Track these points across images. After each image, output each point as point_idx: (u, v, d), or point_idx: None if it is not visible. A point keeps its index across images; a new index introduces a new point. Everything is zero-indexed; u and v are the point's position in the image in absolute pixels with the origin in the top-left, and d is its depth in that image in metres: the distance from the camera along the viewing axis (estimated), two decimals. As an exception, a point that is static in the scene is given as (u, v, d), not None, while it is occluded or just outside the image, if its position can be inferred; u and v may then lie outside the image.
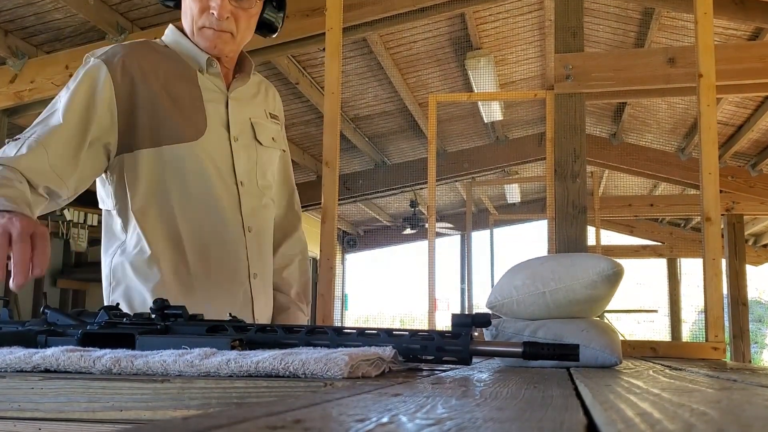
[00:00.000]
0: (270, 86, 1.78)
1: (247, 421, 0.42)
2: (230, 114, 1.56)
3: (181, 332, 0.99)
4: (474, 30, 5.70)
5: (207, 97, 1.54)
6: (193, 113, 1.51)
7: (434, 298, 4.17)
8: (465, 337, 0.90)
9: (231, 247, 1.53)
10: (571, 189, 2.83)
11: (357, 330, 0.96)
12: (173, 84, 1.51)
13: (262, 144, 1.62)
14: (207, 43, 1.54)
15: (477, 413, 0.49)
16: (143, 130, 1.46)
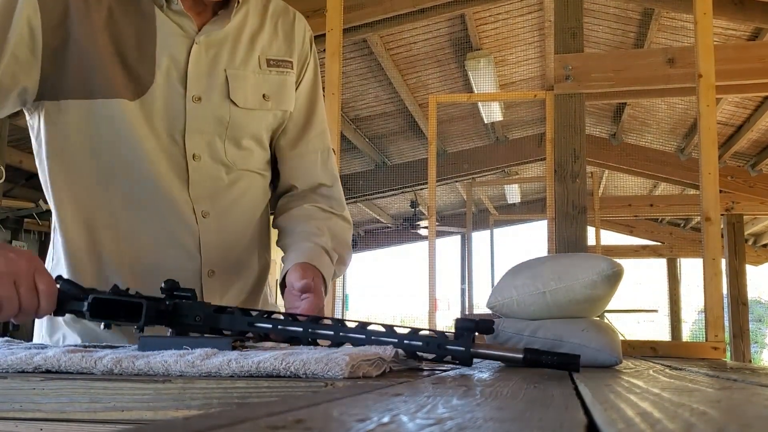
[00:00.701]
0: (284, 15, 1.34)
1: (248, 421, 0.42)
2: (191, 64, 1.18)
3: (188, 312, 0.99)
4: (474, 31, 5.70)
5: (163, 41, 1.16)
6: (139, 62, 1.15)
7: (434, 298, 4.18)
8: (467, 338, 0.90)
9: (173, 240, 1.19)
10: (571, 189, 2.84)
11: (360, 324, 0.96)
12: (120, 20, 1.15)
13: (237, 105, 1.22)
14: None
15: (478, 413, 0.49)
16: (74, 76, 1.13)
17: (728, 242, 8.46)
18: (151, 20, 1.16)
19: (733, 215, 8.30)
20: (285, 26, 1.32)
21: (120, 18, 1.15)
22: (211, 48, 1.20)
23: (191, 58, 1.18)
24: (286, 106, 1.30)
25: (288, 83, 1.30)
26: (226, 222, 1.24)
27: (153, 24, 1.16)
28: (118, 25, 1.15)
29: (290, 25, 1.33)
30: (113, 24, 1.15)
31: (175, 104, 1.17)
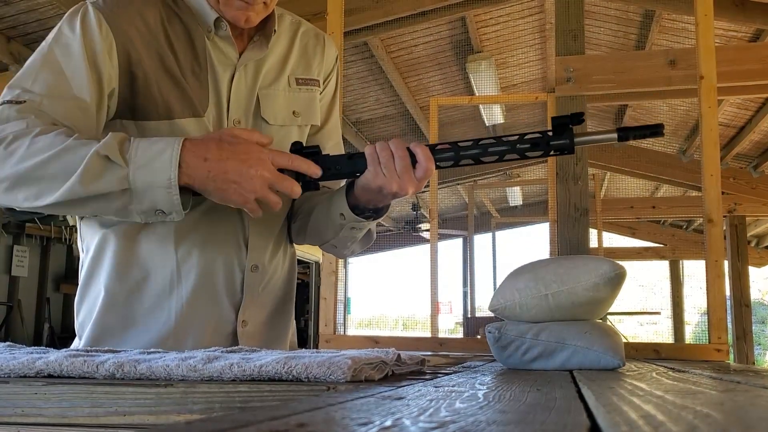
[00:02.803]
0: (314, 38, 1.42)
1: (250, 425, 0.42)
2: (233, 91, 1.27)
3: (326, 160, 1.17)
4: (475, 33, 5.71)
5: (212, 69, 1.25)
6: (195, 87, 1.23)
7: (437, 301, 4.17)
8: (569, 132, 1.12)
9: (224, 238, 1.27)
10: (573, 191, 2.83)
11: (473, 141, 1.15)
12: (176, 48, 1.23)
13: (268, 122, 1.30)
14: (235, 13, 1.21)
15: (480, 416, 0.49)
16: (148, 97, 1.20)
17: (731, 244, 8.45)
18: (202, 47, 1.25)
19: (736, 217, 8.29)
20: (314, 48, 1.41)
21: (176, 43, 1.23)
22: (248, 72, 1.29)
23: (234, 85, 1.27)
24: (313, 120, 1.39)
25: (315, 99, 1.39)
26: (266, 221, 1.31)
27: (204, 50, 1.25)
28: (175, 51, 1.23)
29: (320, 48, 1.42)
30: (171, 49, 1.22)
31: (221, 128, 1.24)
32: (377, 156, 1.14)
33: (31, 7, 4.23)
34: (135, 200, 1.04)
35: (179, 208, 1.05)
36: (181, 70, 1.22)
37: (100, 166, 1.02)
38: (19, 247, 8.10)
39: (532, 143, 1.14)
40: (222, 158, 1.05)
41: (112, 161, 1.02)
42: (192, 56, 1.24)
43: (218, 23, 1.24)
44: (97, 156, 1.02)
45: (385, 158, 1.13)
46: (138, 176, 1.02)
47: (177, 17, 1.25)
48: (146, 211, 1.06)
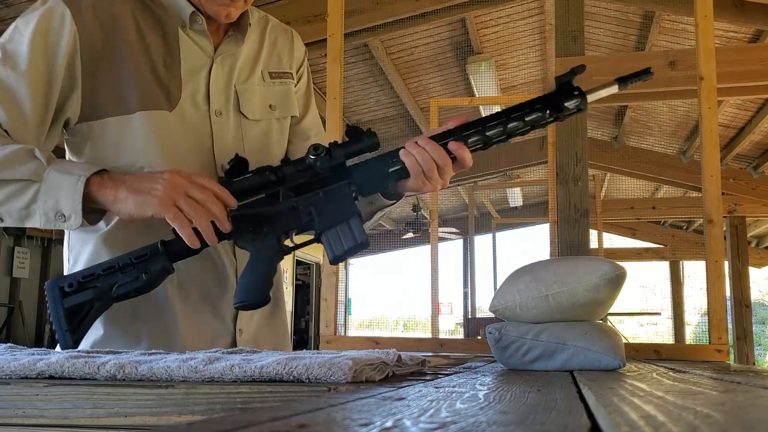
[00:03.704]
0: (282, 33, 1.44)
1: (251, 426, 0.42)
2: (211, 83, 1.27)
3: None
4: (475, 34, 5.71)
5: (187, 61, 1.25)
6: (168, 79, 1.22)
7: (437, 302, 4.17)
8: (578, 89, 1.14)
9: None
10: (573, 192, 2.83)
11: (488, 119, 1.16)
12: (148, 37, 1.22)
13: (247, 117, 1.31)
14: (217, 9, 1.23)
15: (481, 417, 0.49)
16: (111, 94, 1.19)
17: (731, 244, 8.45)
18: (175, 39, 1.25)
19: (736, 217, 8.29)
20: (283, 43, 1.43)
21: (147, 35, 1.23)
22: (225, 66, 1.30)
23: (212, 77, 1.27)
24: (291, 111, 1.40)
25: (290, 91, 1.40)
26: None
27: (177, 43, 1.25)
28: (146, 43, 1.22)
29: (289, 42, 1.45)
30: (142, 41, 1.22)
31: (201, 119, 1.25)
32: (420, 167, 1.14)
33: (32, 9, 4.23)
34: (41, 197, 1.07)
35: (78, 208, 1.06)
36: (152, 62, 1.22)
37: (23, 157, 1.07)
38: (20, 249, 8.11)
39: (543, 109, 1.15)
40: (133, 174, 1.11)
41: (36, 157, 1.08)
42: (165, 49, 1.24)
43: (194, 17, 1.25)
44: (25, 151, 1.08)
45: (429, 169, 1.15)
46: (51, 175, 1.07)
47: (149, 9, 1.25)
48: (48, 212, 1.07)
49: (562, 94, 1.16)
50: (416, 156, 1.14)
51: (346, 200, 1.17)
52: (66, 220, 1.07)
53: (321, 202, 1.16)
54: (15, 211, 1.09)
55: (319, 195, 1.16)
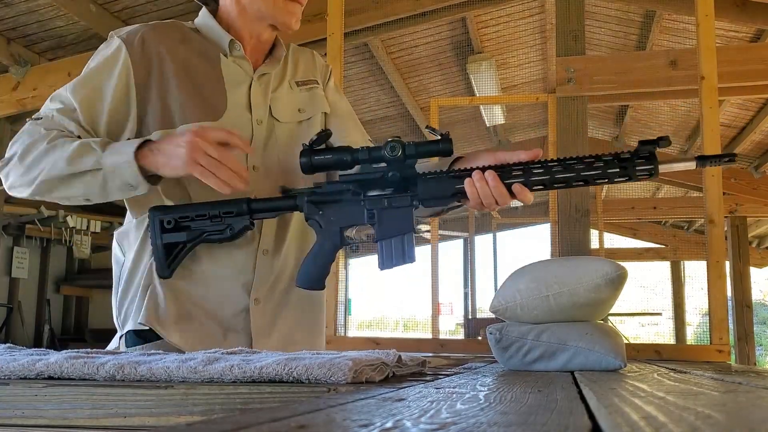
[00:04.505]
0: (302, 52, 1.64)
1: (251, 426, 0.42)
2: (252, 96, 1.47)
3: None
4: (475, 34, 5.71)
5: (229, 80, 1.45)
6: (212, 95, 1.42)
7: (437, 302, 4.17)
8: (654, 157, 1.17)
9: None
10: (574, 192, 2.83)
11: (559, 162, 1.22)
12: (193, 65, 1.43)
13: (279, 120, 1.49)
14: (291, 18, 1.45)
15: (481, 418, 0.48)
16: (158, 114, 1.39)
17: (732, 245, 8.44)
18: (217, 64, 1.45)
19: (737, 217, 8.28)
20: (305, 61, 1.62)
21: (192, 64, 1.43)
22: (262, 82, 1.49)
23: (252, 90, 1.47)
24: (320, 109, 1.57)
25: (317, 94, 1.58)
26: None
27: (218, 67, 1.45)
28: (192, 70, 1.42)
29: (310, 59, 1.64)
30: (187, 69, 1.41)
31: (245, 126, 1.44)
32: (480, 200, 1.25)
33: (31, 9, 4.23)
34: (108, 178, 1.28)
35: (140, 179, 1.27)
36: (198, 85, 1.41)
37: (83, 151, 1.29)
38: (19, 249, 8.11)
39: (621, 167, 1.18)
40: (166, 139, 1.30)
41: (93, 148, 1.29)
42: (209, 72, 1.43)
43: (232, 44, 1.45)
44: (83, 145, 1.29)
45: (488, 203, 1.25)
46: (108, 159, 1.27)
47: (194, 41, 1.46)
48: (120, 187, 1.29)
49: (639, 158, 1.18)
50: (479, 190, 1.25)
51: (407, 215, 1.29)
52: (136, 188, 1.29)
53: (384, 209, 1.30)
54: (96, 194, 1.32)
55: (384, 202, 1.29)
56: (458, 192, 1.26)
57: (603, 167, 1.19)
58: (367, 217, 1.30)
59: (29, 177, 1.32)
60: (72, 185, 1.31)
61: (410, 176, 1.28)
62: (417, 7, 4.58)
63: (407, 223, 1.28)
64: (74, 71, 4.51)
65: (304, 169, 1.31)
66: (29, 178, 1.32)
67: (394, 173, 1.27)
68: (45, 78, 4.60)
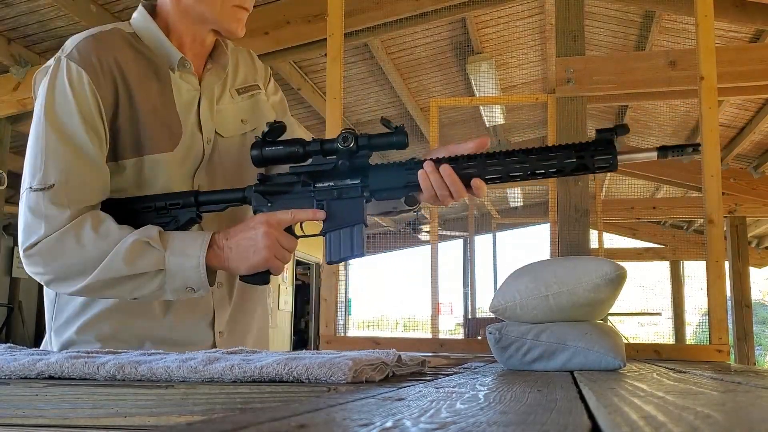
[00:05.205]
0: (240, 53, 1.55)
1: (251, 426, 0.42)
2: (201, 113, 1.38)
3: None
4: (475, 34, 5.71)
5: (180, 100, 1.36)
6: (167, 117, 1.34)
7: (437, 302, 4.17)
8: (612, 147, 1.14)
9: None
10: (574, 192, 2.83)
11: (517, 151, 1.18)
12: (146, 83, 1.33)
13: (222, 135, 1.42)
14: (237, 25, 1.37)
15: (481, 417, 0.49)
16: (127, 138, 1.30)
17: (731, 245, 8.45)
18: (167, 82, 1.35)
19: (736, 217, 8.28)
20: (245, 63, 1.53)
21: (144, 80, 1.33)
22: (210, 96, 1.41)
23: (201, 109, 1.39)
24: (264, 119, 1.45)
25: (261, 101, 1.51)
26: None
27: (169, 85, 1.35)
28: (145, 87, 1.32)
29: (251, 61, 1.55)
30: (141, 86, 1.32)
31: (197, 148, 1.37)
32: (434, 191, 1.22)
33: (32, 9, 4.23)
34: (168, 280, 1.20)
35: (206, 284, 1.21)
36: (153, 104, 1.32)
37: (140, 250, 1.19)
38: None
39: (578, 157, 1.15)
40: (236, 235, 1.24)
41: (152, 246, 1.19)
42: (160, 90, 1.34)
43: (182, 62, 1.36)
44: (139, 242, 1.19)
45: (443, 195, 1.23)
46: (172, 260, 1.20)
47: (141, 55, 1.35)
48: (178, 289, 1.22)
49: (597, 148, 1.15)
50: (433, 182, 1.22)
51: (356, 205, 1.24)
52: (195, 291, 1.23)
53: (333, 200, 1.25)
54: (148, 295, 1.23)
55: (333, 193, 1.25)
56: (410, 183, 1.23)
57: (559, 158, 1.16)
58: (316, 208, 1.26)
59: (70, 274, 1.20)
60: (123, 286, 1.20)
61: (362, 167, 1.24)
62: (417, 8, 4.58)
63: (357, 214, 1.24)
64: (74, 71, 4.51)
65: (255, 161, 1.27)
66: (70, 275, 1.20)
67: (344, 162, 1.24)
68: (45, 78, 4.58)
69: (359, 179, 1.24)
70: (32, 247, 1.20)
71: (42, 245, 1.19)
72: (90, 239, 1.19)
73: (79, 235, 1.19)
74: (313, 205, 1.26)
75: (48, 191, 1.22)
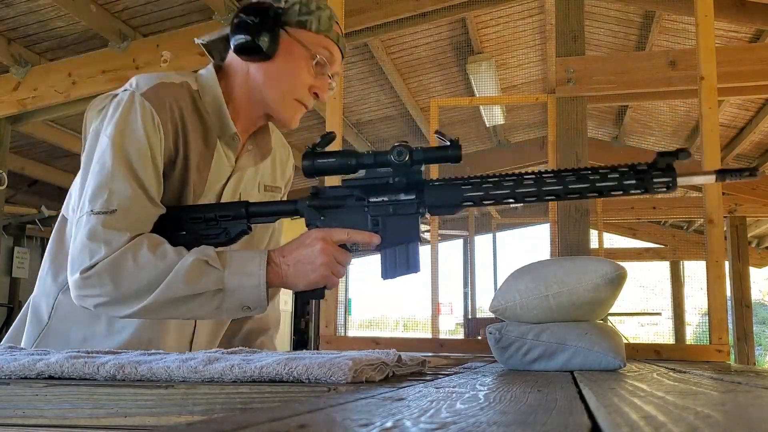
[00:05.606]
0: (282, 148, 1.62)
1: (251, 426, 0.42)
2: (226, 189, 1.43)
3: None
4: (475, 34, 5.71)
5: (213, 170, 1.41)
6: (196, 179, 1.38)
7: (437, 302, 4.17)
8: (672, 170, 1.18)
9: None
10: (574, 192, 2.83)
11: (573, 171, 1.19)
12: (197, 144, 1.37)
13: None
14: (292, 117, 1.43)
15: (481, 417, 0.49)
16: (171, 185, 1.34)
17: (731, 245, 8.44)
18: (212, 151, 1.39)
19: (736, 217, 8.28)
20: (281, 160, 1.60)
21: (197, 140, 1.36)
22: (237, 177, 1.46)
23: (226, 187, 1.43)
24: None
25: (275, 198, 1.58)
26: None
27: (212, 150, 1.39)
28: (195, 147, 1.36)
29: (286, 159, 1.62)
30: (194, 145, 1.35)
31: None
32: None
33: (32, 9, 4.23)
34: (227, 299, 1.20)
35: (265, 303, 1.22)
36: (189, 163, 1.35)
37: (200, 269, 1.19)
38: (19, 249, 8.10)
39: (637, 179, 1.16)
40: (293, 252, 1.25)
41: (211, 266, 1.20)
42: (203, 155, 1.38)
43: (233, 136, 1.40)
44: (198, 261, 1.19)
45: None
46: (231, 280, 1.20)
47: (200, 115, 1.38)
48: (234, 308, 1.22)
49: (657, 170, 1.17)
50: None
51: (411, 222, 1.25)
52: (252, 310, 1.23)
53: (389, 216, 1.25)
54: (204, 315, 1.23)
55: (388, 208, 1.25)
56: (466, 201, 1.23)
57: (618, 178, 1.17)
58: (371, 224, 1.25)
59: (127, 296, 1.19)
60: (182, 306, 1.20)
61: (416, 182, 1.24)
62: (417, 8, 4.58)
63: (412, 231, 1.25)
64: (74, 71, 4.51)
65: (307, 172, 1.26)
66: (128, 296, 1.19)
67: (400, 179, 1.23)
68: (45, 78, 4.59)
69: (414, 195, 1.24)
70: (91, 268, 1.18)
71: (100, 266, 1.18)
72: (148, 260, 1.19)
73: (136, 256, 1.19)
74: (366, 219, 1.26)
75: (110, 216, 1.22)
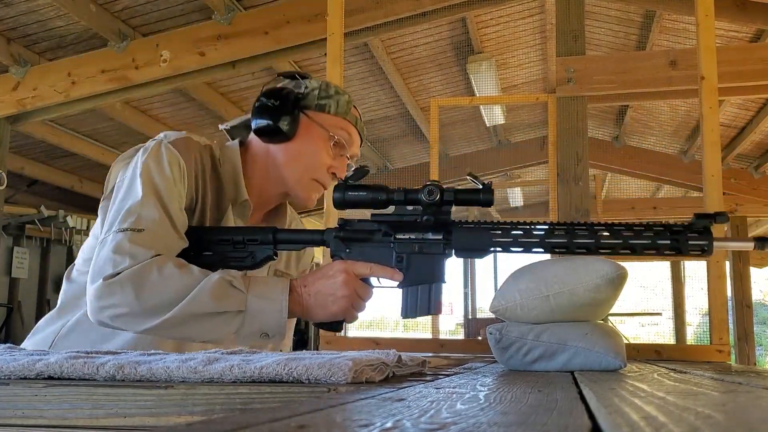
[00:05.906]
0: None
1: (251, 426, 0.42)
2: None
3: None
4: (475, 34, 5.71)
5: None
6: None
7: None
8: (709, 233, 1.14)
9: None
10: (574, 192, 2.83)
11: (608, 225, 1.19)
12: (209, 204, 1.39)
13: None
14: (308, 197, 1.45)
15: (481, 418, 0.48)
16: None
17: (732, 244, 8.43)
18: (223, 211, 1.40)
19: (737, 217, 8.27)
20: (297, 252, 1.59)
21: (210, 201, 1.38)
22: None
23: None
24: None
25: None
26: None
27: (222, 214, 1.40)
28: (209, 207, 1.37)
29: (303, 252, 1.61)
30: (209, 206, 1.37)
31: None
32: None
33: (32, 9, 4.23)
34: (247, 322, 1.20)
35: (284, 330, 1.21)
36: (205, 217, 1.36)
37: (224, 290, 1.19)
38: (19, 249, 8.10)
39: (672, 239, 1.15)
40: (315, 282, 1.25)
41: (235, 287, 1.19)
42: (213, 219, 1.39)
43: (244, 203, 1.41)
44: (224, 280, 1.19)
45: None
46: (253, 302, 1.20)
47: (217, 178, 1.40)
48: (253, 333, 1.21)
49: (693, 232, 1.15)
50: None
51: (437, 262, 1.24)
52: (270, 337, 1.22)
53: (414, 253, 1.25)
54: (222, 337, 1.21)
55: (414, 246, 1.24)
56: (496, 247, 1.21)
57: (653, 237, 1.16)
58: (395, 261, 1.25)
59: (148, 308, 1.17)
60: (202, 324, 1.19)
61: (445, 223, 1.23)
62: (417, 7, 4.57)
63: (438, 271, 1.24)
64: (74, 71, 4.51)
65: (337, 204, 1.26)
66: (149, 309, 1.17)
67: (429, 217, 1.22)
68: (45, 78, 4.59)
69: (442, 235, 1.23)
70: (114, 276, 1.17)
71: (124, 275, 1.17)
72: (173, 273, 1.18)
73: (162, 269, 1.18)
74: (392, 256, 1.25)
75: (137, 233, 1.22)
